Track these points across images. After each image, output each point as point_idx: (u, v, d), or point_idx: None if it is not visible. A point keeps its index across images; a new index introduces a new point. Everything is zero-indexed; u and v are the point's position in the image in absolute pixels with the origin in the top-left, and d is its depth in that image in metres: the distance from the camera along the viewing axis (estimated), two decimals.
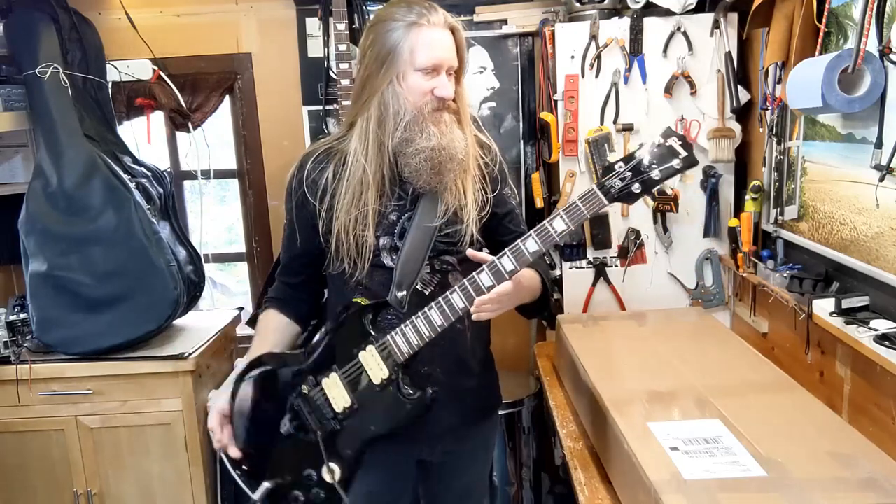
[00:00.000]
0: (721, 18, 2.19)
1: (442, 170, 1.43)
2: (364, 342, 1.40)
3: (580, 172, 2.34)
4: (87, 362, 2.36)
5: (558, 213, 1.30)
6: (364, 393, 1.39)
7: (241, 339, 2.90)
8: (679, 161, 1.27)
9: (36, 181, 2.39)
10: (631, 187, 1.27)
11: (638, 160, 1.27)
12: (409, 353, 1.38)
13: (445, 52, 1.43)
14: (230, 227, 3.51)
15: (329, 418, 1.40)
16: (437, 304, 1.36)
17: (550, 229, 1.31)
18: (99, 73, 2.57)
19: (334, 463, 1.38)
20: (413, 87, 1.42)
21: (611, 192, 1.28)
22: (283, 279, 1.64)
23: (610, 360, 1.85)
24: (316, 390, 1.41)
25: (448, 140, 1.42)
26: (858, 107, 1.47)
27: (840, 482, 1.23)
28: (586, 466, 1.65)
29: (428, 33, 1.41)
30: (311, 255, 1.55)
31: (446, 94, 1.42)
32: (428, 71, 1.41)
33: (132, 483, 2.44)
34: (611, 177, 1.28)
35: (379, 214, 1.46)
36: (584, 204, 1.29)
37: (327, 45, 2.68)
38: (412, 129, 1.42)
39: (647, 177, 1.27)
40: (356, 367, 1.40)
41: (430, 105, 1.42)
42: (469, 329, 1.52)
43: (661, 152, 1.27)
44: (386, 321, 1.44)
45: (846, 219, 1.63)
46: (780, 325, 2.01)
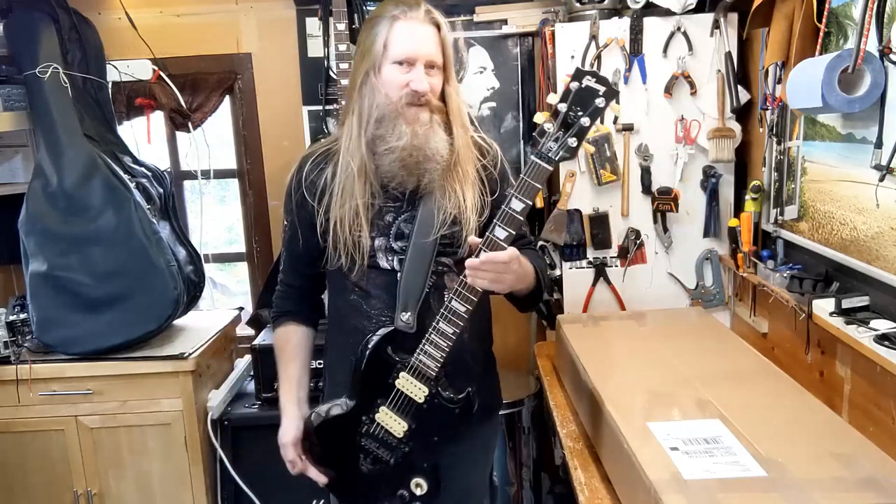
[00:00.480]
0: (721, 18, 2.19)
1: (415, 171, 1.43)
2: (394, 371, 1.45)
3: (580, 172, 2.34)
4: (87, 362, 2.36)
5: (513, 195, 1.32)
6: (415, 413, 1.46)
7: (241, 339, 2.90)
8: (601, 98, 1.25)
9: (36, 181, 2.39)
10: (567, 142, 1.28)
11: (563, 114, 1.27)
12: (438, 367, 1.42)
13: (422, 44, 1.42)
14: (230, 227, 3.51)
15: (396, 445, 1.48)
16: (442, 316, 1.40)
17: (511, 211, 1.32)
18: (99, 73, 2.57)
19: (418, 478, 1.49)
20: (387, 79, 1.42)
21: (549, 155, 1.29)
22: (287, 282, 1.65)
23: (610, 360, 1.85)
24: (374, 426, 1.48)
25: (422, 141, 1.41)
26: (858, 107, 1.46)
27: (840, 482, 1.23)
28: (586, 466, 1.65)
29: (404, 25, 1.42)
30: (311, 255, 1.55)
31: (420, 88, 1.40)
32: (402, 63, 1.41)
33: (132, 483, 2.44)
34: (545, 141, 1.29)
35: (374, 214, 1.47)
36: (532, 178, 1.31)
37: (327, 45, 2.68)
38: (385, 126, 1.43)
39: (578, 126, 1.27)
40: (398, 395, 1.45)
41: (403, 99, 1.41)
42: (466, 330, 1.51)
43: (581, 96, 1.26)
44: (403, 343, 1.47)
45: (846, 219, 1.63)
46: (780, 325, 2.01)
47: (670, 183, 2.31)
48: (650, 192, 2.32)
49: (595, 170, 2.30)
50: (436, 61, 1.44)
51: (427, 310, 1.46)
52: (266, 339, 2.47)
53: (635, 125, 2.29)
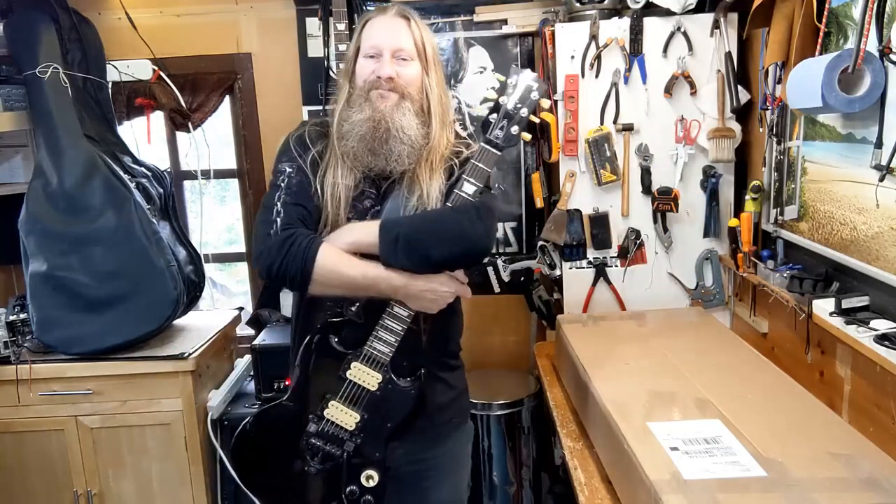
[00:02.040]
0: (721, 18, 2.19)
1: (379, 151, 1.44)
2: (345, 363, 1.46)
3: (580, 172, 2.34)
4: (87, 362, 2.36)
5: (463, 178, 1.43)
6: (367, 402, 1.46)
7: (241, 339, 2.90)
8: (536, 92, 1.43)
9: (36, 181, 2.39)
10: (510, 131, 1.43)
11: (505, 107, 1.43)
12: (392, 352, 1.44)
13: (388, 35, 1.48)
14: (230, 227, 3.52)
15: (347, 438, 1.47)
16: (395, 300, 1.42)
17: (462, 194, 1.42)
18: (99, 73, 2.57)
19: (369, 469, 1.48)
20: (360, 71, 1.49)
21: (497, 142, 1.43)
22: (291, 222, 1.44)
23: (610, 360, 1.85)
24: (323, 423, 1.47)
25: (384, 115, 1.44)
26: (858, 107, 1.46)
27: (840, 482, 1.23)
28: (586, 466, 1.65)
29: (374, 22, 1.51)
30: (313, 201, 1.49)
31: (384, 73, 1.45)
32: (372, 56, 1.48)
33: (132, 483, 2.44)
34: (492, 129, 1.43)
35: (356, 197, 1.49)
36: (482, 162, 1.43)
37: (327, 45, 2.68)
38: (352, 107, 1.48)
39: (520, 117, 1.43)
40: (349, 386, 1.46)
41: (368, 85, 1.47)
42: (425, 332, 1.51)
43: (520, 92, 1.43)
44: (350, 334, 1.47)
45: (846, 219, 1.63)
46: (780, 325, 2.01)
47: (670, 183, 2.31)
48: (650, 192, 2.32)
49: (595, 170, 2.30)
50: (403, 49, 1.48)
51: (379, 301, 1.44)
52: (266, 339, 2.48)
53: (635, 125, 2.29)
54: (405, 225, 1.40)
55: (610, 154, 2.29)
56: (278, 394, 2.41)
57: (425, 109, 1.50)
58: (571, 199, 2.36)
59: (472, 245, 1.42)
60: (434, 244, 1.38)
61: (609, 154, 2.29)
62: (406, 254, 1.37)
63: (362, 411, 1.46)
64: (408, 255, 1.37)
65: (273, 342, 2.45)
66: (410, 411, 1.47)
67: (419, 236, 1.38)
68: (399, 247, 1.37)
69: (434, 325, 1.51)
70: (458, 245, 1.40)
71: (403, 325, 1.43)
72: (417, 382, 1.47)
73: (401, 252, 1.37)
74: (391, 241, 1.37)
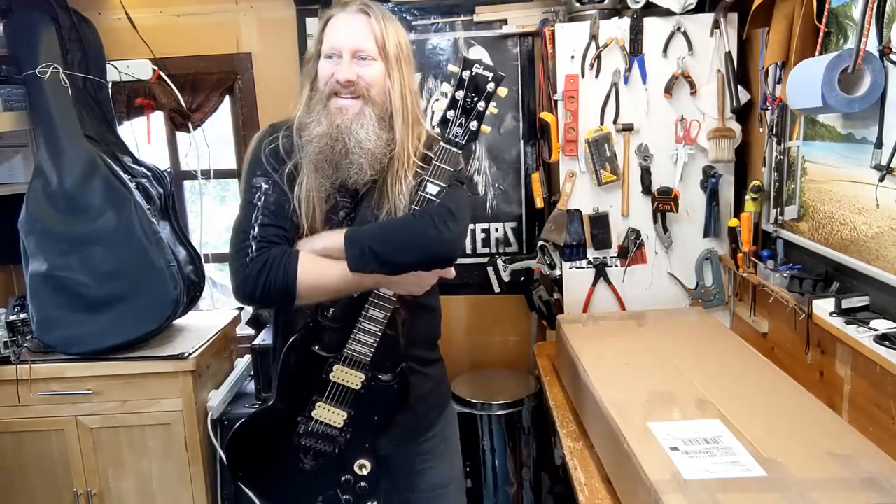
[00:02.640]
0: (721, 18, 2.19)
1: (341, 164, 1.41)
2: (327, 366, 1.48)
3: (580, 172, 2.34)
4: (87, 362, 2.36)
5: (426, 180, 1.39)
6: (353, 400, 1.50)
7: (241, 339, 2.90)
8: (491, 83, 1.37)
9: (36, 181, 2.39)
10: (470, 126, 1.38)
11: (461, 102, 1.37)
12: (371, 352, 1.47)
13: (347, 35, 1.43)
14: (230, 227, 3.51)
15: (336, 435, 1.52)
16: (370, 302, 1.43)
17: (426, 195, 1.39)
18: (99, 73, 2.57)
19: (362, 459, 1.53)
20: (321, 73, 1.45)
21: (457, 140, 1.39)
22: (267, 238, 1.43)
23: (610, 359, 1.85)
24: (312, 423, 1.51)
25: (341, 131, 1.40)
26: (858, 107, 1.46)
27: (840, 482, 1.23)
28: (586, 466, 1.65)
29: (336, 20, 1.46)
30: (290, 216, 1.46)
31: (342, 76, 1.41)
32: (331, 56, 1.43)
33: (132, 483, 2.44)
34: (450, 128, 1.38)
35: (330, 209, 1.46)
36: (444, 162, 1.39)
37: None
38: (311, 115, 1.44)
39: (476, 111, 1.38)
40: (333, 387, 1.49)
41: (327, 89, 1.42)
42: (402, 336, 1.53)
43: (475, 83, 1.37)
44: (329, 338, 1.49)
45: (846, 219, 1.63)
46: (780, 325, 2.01)
47: (670, 183, 2.31)
48: (650, 192, 2.32)
49: (595, 170, 2.30)
50: (363, 48, 1.42)
51: (352, 304, 1.45)
52: (266, 339, 2.48)
53: (635, 125, 2.29)
54: (370, 236, 1.38)
55: (610, 154, 2.29)
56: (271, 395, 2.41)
57: (388, 113, 1.45)
58: (571, 199, 2.36)
59: (435, 253, 1.40)
60: (399, 254, 1.37)
61: (609, 154, 2.29)
62: (374, 265, 1.37)
63: (349, 409, 1.50)
64: (375, 266, 1.37)
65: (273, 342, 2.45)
66: (395, 404, 1.52)
67: (384, 248, 1.37)
68: (366, 259, 1.36)
69: (411, 328, 1.53)
70: (423, 253, 1.39)
71: (380, 326, 1.45)
72: (399, 377, 1.51)
73: (369, 263, 1.37)
74: (357, 254, 1.37)
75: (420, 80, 2.75)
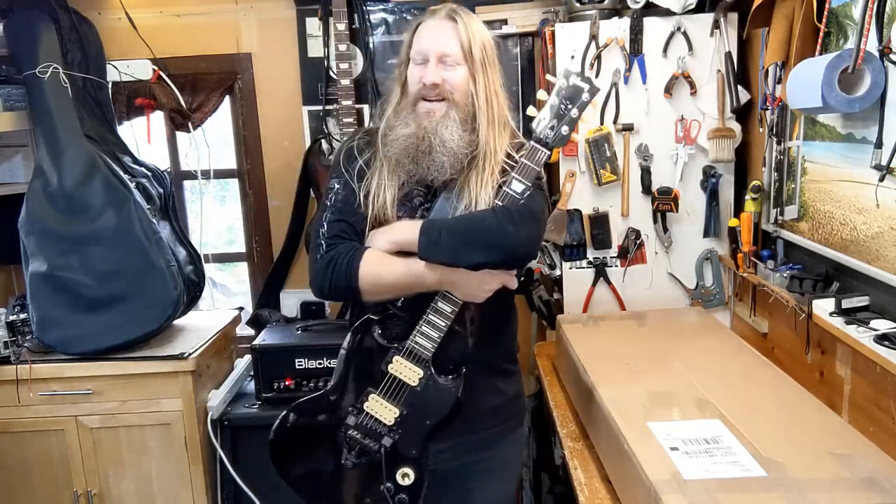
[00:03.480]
0: (721, 18, 2.19)
1: (422, 161, 1.44)
2: (387, 356, 1.45)
3: (580, 172, 2.34)
4: (87, 362, 2.36)
5: (513, 176, 1.41)
6: (408, 398, 1.45)
7: (241, 339, 2.90)
8: (587, 93, 1.41)
9: (36, 181, 2.39)
10: (561, 130, 1.42)
11: (556, 107, 1.42)
12: (434, 347, 1.43)
13: (434, 39, 1.46)
14: (230, 227, 3.52)
15: (385, 433, 1.46)
16: (440, 293, 1.41)
17: (511, 192, 1.41)
18: (99, 73, 2.57)
19: (405, 467, 1.47)
20: (410, 76, 1.49)
21: (547, 141, 1.42)
22: (336, 234, 1.48)
23: (610, 360, 1.85)
24: (362, 416, 1.47)
25: (427, 131, 1.43)
26: (858, 107, 1.47)
27: (840, 482, 1.23)
28: (586, 466, 1.65)
29: (424, 26, 1.49)
30: (359, 213, 1.50)
31: (428, 80, 1.44)
32: (419, 62, 1.47)
33: (132, 483, 2.44)
34: (541, 129, 1.42)
35: (403, 196, 1.49)
36: (530, 160, 1.42)
37: (327, 45, 2.68)
38: (399, 117, 1.48)
39: (569, 117, 1.41)
40: (390, 380, 1.45)
41: (417, 94, 1.46)
42: (472, 335, 1.50)
43: (570, 93, 1.42)
44: (394, 328, 1.47)
45: (846, 219, 1.63)
46: (780, 325, 2.01)
47: (670, 183, 2.31)
48: (650, 192, 2.32)
49: (595, 170, 2.30)
50: (448, 53, 1.45)
51: (422, 295, 1.44)
52: (266, 339, 2.48)
53: (635, 125, 2.29)
54: (447, 226, 1.39)
55: (610, 154, 2.29)
56: (279, 393, 2.41)
57: (471, 115, 1.48)
58: (571, 199, 2.36)
59: (512, 252, 1.40)
60: (474, 249, 1.36)
61: (609, 154, 2.29)
62: (445, 256, 1.36)
63: (402, 406, 1.45)
64: (446, 257, 1.36)
65: (273, 342, 2.45)
66: (450, 411, 1.46)
67: (460, 240, 1.37)
68: (438, 249, 1.36)
69: (481, 327, 1.50)
70: (499, 252, 1.38)
71: (447, 321, 1.42)
72: (459, 381, 1.46)
73: (440, 253, 1.36)
74: (431, 242, 1.37)
75: None
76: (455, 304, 1.42)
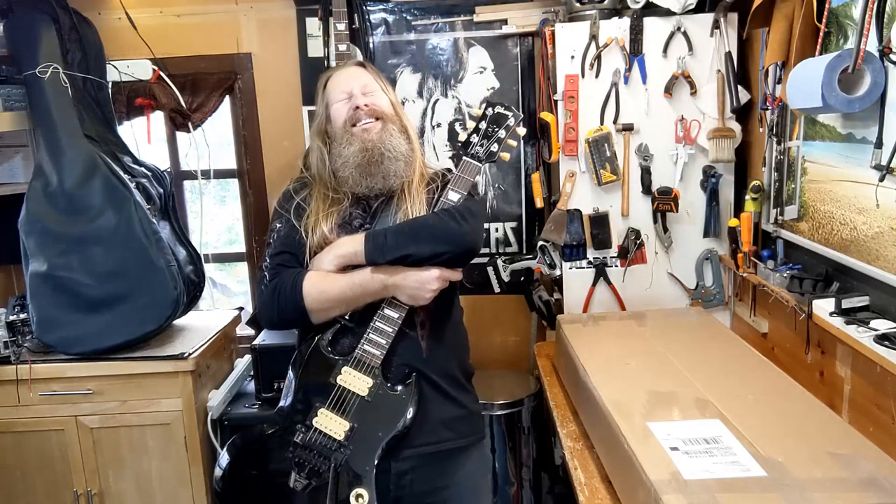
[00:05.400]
0: (721, 18, 2.19)
1: (376, 172, 1.52)
2: (336, 368, 1.46)
3: (580, 172, 2.34)
4: (87, 362, 2.36)
5: (448, 188, 1.53)
6: (358, 410, 1.44)
7: (241, 339, 2.90)
8: (511, 118, 1.57)
9: (36, 181, 2.39)
10: (490, 148, 1.56)
11: (484, 130, 1.57)
12: (383, 354, 1.45)
13: (352, 79, 1.60)
14: (230, 227, 3.51)
15: (335, 449, 1.43)
16: (385, 301, 1.45)
17: (447, 201, 1.51)
18: (99, 73, 2.57)
19: (359, 488, 1.41)
20: (335, 115, 1.58)
21: (478, 155, 1.55)
22: (280, 264, 1.54)
23: (610, 360, 1.85)
24: (311, 433, 1.44)
25: (374, 143, 1.52)
26: (858, 107, 1.47)
27: (840, 482, 1.23)
28: (586, 466, 1.65)
29: (336, 76, 1.63)
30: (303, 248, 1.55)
31: (360, 102, 1.55)
32: (342, 98, 1.58)
33: (132, 483, 2.44)
34: (472, 147, 1.56)
35: (344, 219, 1.54)
36: (464, 173, 1.54)
37: (327, 45, 2.68)
38: (339, 145, 1.55)
39: (496, 136, 1.56)
40: (339, 392, 1.44)
41: (348, 123, 1.55)
42: (423, 338, 1.51)
43: (496, 119, 1.57)
44: (343, 342, 1.49)
45: (846, 219, 1.63)
46: (780, 325, 2.01)
47: (670, 183, 2.31)
48: (650, 192, 2.32)
49: (595, 170, 2.30)
50: (368, 85, 1.59)
51: (370, 305, 1.48)
52: (266, 339, 2.48)
53: (635, 125, 2.29)
54: (391, 229, 1.47)
55: (610, 154, 2.29)
56: (279, 393, 2.41)
57: (405, 129, 1.60)
58: (571, 199, 2.36)
59: (457, 243, 1.45)
60: (422, 242, 1.42)
61: (609, 154, 2.29)
62: (392, 253, 1.41)
63: (352, 419, 1.43)
64: (393, 254, 1.41)
65: (273, 342, 2.45)
66: (403, 421, 1.43)
67: (406, 237, 1.43)
68: (385, 249, 1.42)
69: (432, 331, 1.51)
70: (444, 243, 1.43)
71: (394, 327, 1.45)
72: (410, 389, 1.45)
73: (387, 252, 1.42)
74: (378, 245, 1.43)
75: (420, 79, 2.76)
76: (401, 308, 1.44)
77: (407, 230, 1.46)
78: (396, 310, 1.44)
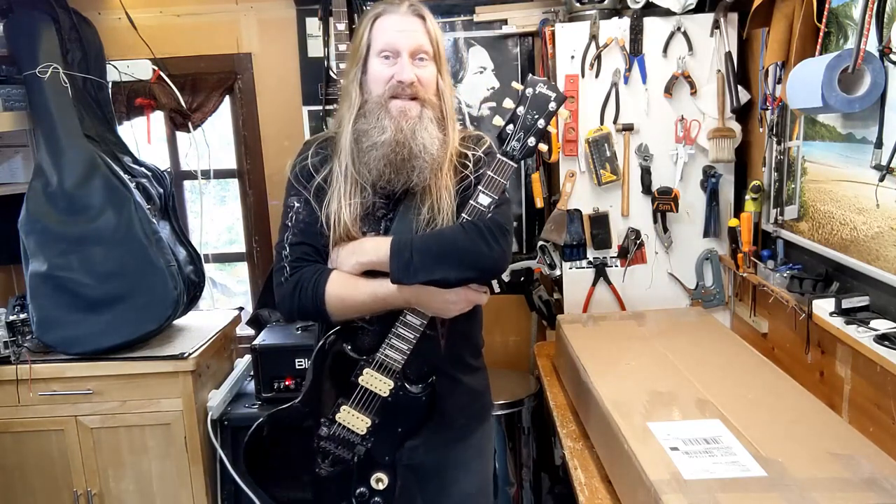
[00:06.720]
0: (721, 18, 2.19)
1: (402, 169, 1.40)
2: (357, 369, 1.46)
3: (580, 172, 2.34)
4: (87, 362, 2.36)
5: (480, 190, 1.39)
6: (379, 408, 1.47)
7: (241, 339, 2.90)
8: (553, 102, 1.38)
9: (36, 181, 2.39)
10: (527, 142, 1.39)
11: (522, 117, 1.38)
12: (404, 360, 1.44)
13: (406, 34, 1.40)
14: (230, 227, 3.51)
15: (357, 442, 1.48)
16: (409, 308, 1.41)
17: (478, 206, 1.39)
18: (99, 73, 2.57)
19: (379, 472, 1.49)
20: (373, 74, 1.42)
21: (514, 154, 1.39)
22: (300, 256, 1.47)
23: (610, 360, 1.85)
24: (334, 427, 1.48)
25: (406, 136, 1.39)
26: (858, 107, 1.47)
27: (840, 482, 1.23)
28: (586, 466, 1.65)
29: (386, 19, 1.42)
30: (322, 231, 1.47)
31: (405, 77, 1.39)
32: (387, 56, 1.41)
33: (132, 483, 2.44)
34: (508, 141, 1.39)
35: (367, 210, 1.45)
36: (498, 174, 1.39)
37: (327, 45, 2.68)
38: (369, 120, 1.41)
39: (536, 128, 1.38)
40: (361, 392, 1.46)
41: (388, 92, 1.40)
42: (443, 336, 1.50)
43: (537, 102, 1.38)
44: (363, 339, 1.48)
45: (846, 219, 1.63)
46: (780, 325, 2.01)
47: (670, 183, 2.31)
48: (650, 192, 2.32)
49: (595, 170, 2.30)
50: (424, 49, 1.41)
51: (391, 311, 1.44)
52: (266, 339, 2.48)
53: (635, 125, 2.29)
54: (417, 246, 1.36)
55: (610, 154, 2.29)
56: (279, 393, 2.41)
57: (443, 113, 1.45)
58: (571, 199, 2.36)
59: (486, 269, 1.40)
60: (448, 268, 1.35)
61: (609, 154, 2.29)
62: (419, 277, 1.34)
63: (374, 416, 1.46)
64: (420, 278, 1.34)
65: (273, 342, 2.45)
66: (421, 417, 1.48)
67: (432, 259, 1.35)
68: (411, 271, 1.34)
69: (452, 328, 1.50)
70: (472, 269, 1.37)
71: (416, 334, 1.42)
72: (429, 389, 1.47)
73: (414, 275, 1.34)
74: (403, 264, 1.35)
75: None
76: (424, 317, 1.42)
77: (435, 249, 1.36)
78: (419, 317, 1.42)
